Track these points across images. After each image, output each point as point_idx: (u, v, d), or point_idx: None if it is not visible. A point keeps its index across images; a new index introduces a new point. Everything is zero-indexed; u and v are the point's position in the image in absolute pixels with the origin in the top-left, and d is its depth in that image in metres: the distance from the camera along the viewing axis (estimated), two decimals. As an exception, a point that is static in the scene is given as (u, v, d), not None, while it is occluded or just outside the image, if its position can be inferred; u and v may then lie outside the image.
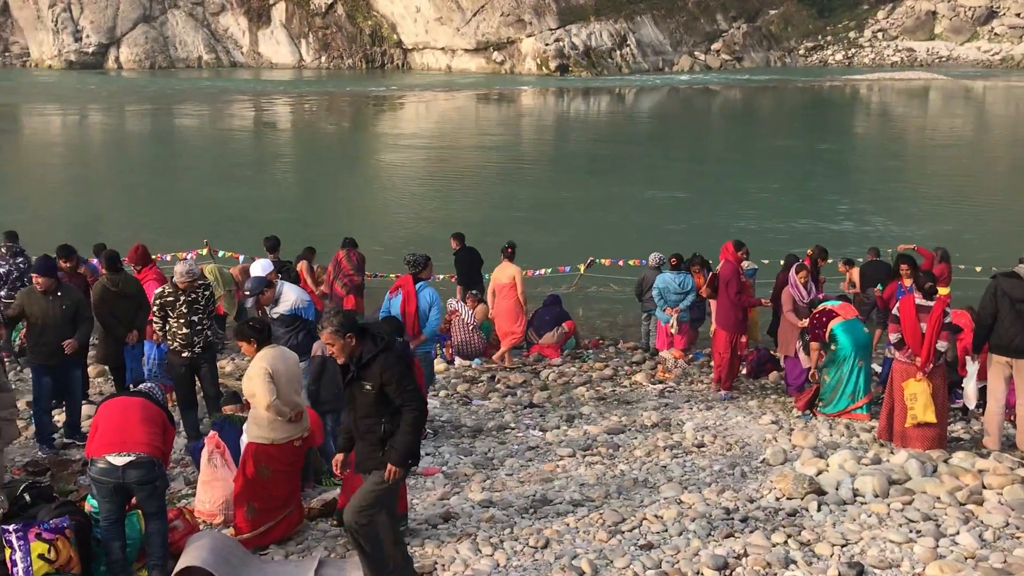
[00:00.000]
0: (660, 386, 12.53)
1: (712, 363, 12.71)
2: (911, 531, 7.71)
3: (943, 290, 12.19)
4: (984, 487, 8.48)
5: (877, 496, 8.36)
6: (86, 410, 10.79)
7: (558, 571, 7.11)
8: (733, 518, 7.99)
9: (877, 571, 7.13)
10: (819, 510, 8.15)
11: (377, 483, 6.59)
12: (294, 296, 9.72)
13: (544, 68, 73.55)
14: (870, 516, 8.01)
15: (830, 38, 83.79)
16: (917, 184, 32.03)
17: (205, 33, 79.76)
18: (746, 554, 7.33)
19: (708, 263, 14.22)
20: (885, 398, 9.95)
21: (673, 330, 13.87)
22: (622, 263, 17.47)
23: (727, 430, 10.48)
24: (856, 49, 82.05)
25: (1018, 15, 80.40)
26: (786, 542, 7.53)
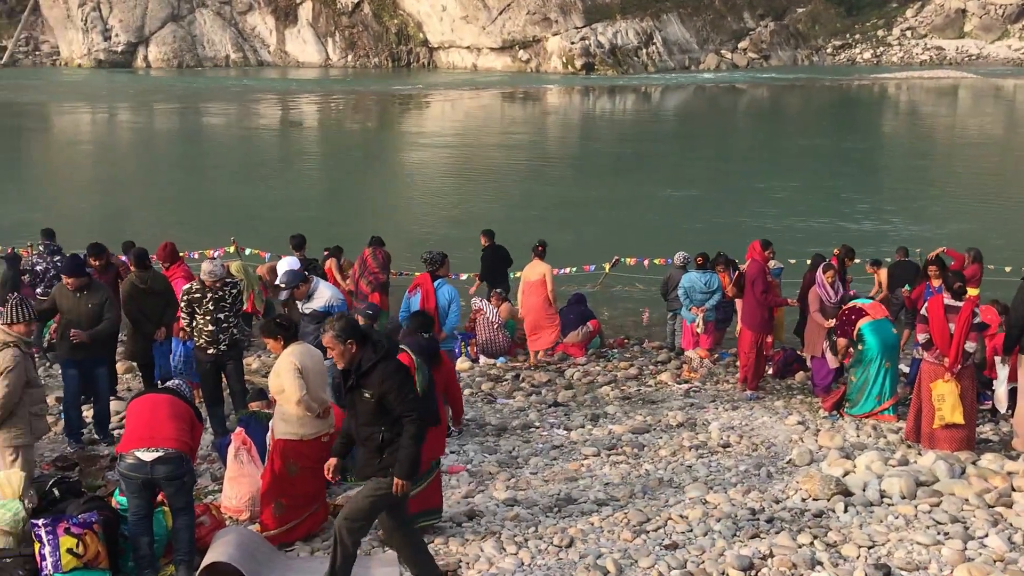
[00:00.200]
0: (686, 386, 12.49)
1: (738, 363, 12.65)
2: (939, 533, 7.65)
3: (972, 291, 12.07)
4: (1013, 489, 8.40)
5: (904, 498, 8.31)
6: (115, 406, 10.89)
7: (582, 570, 7.11)
8: (759, 519, 7.96)
9: (904, 573, 7.08)
10: (846, 511, 8.10)
11: (374, 490, 6.51)
12: (329, 293, 9.77)
13: (570, 67, 73.41)
14: (897, 518, 7.96)
15: (858, 36, 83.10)
16: (945, 184, 31.75)
17: (232, 32, 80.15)
18: (772, 555, 7.30)
19: (734, 262, 14.16)
20: (913, 399, 9.88)
21: (699, 329, 13.82)
22: (647, 262, 17.41)
23: (753, 430, 10.43)
24: (884, 47, 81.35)
25: (1050, 13, 79.54)
26: (812, 543, 7.50)
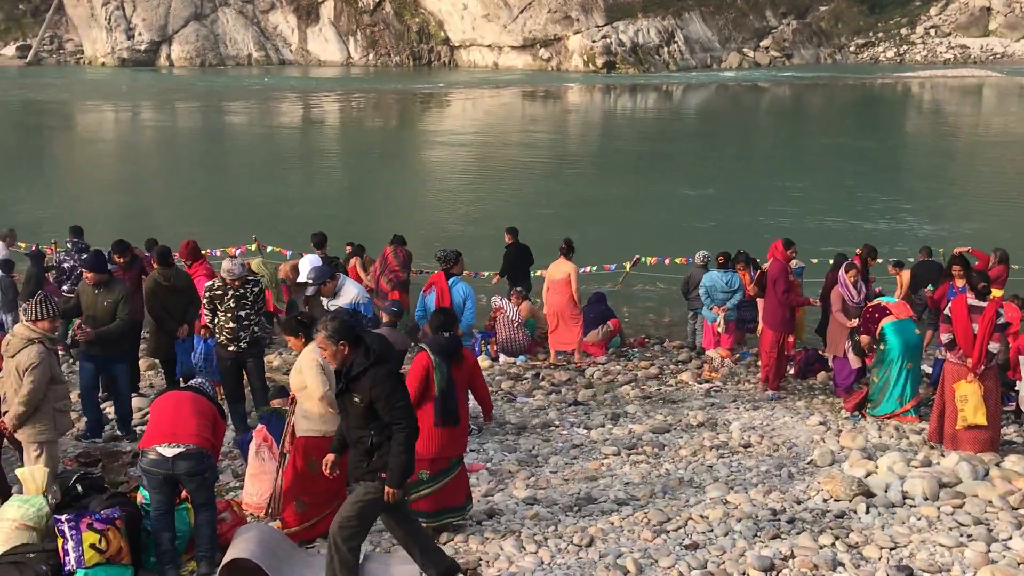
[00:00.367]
0: (706, 385, 12.45)
1: (759, 363, 12.60)
2: (962, 535, 7.59)
3: (996, 292, 11.98)
4: (1038, 491, 8.33)
5: (927, 499, 8.25)
6: (138, 403, 10.97)
7: (602, 570, 7.10)
8: (780, 519, 7.93)
9: (927, 575, 7.03)
10: (867, 512, 8.05)
11: (363, 495, 6.48)
12: (355, 291, 9.80)
13: (591, 65, 73.31)
14: (920, 519, 7.90)
15: (881, 35, 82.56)
16: (967, 183, 31.54)
17: (255, 31, 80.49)
18: (793, 555, 7.27)
19: (755, 261, 14.10)
20: (936, 400, 9.81)
21: (720, 329, 13.78)
22: (668, 261, 17.37)
23: (774, 430, 10.39)
24: (908, 46, 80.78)
25: (1076, 11, 78.81)
26: (834, 544, 7.46)
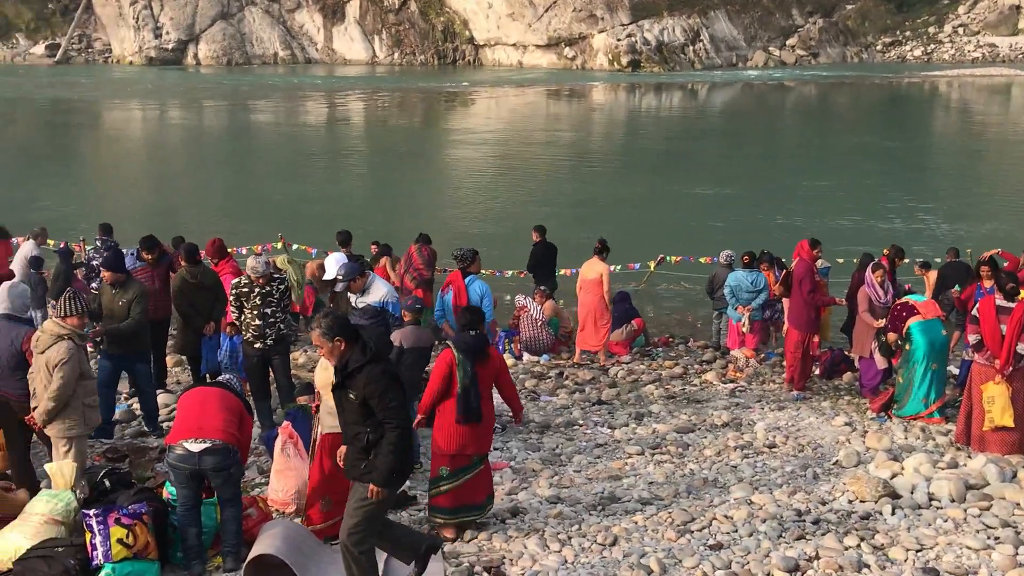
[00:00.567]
0: (731, 385, 12.41)
1: (784, 363, 12.55)
2: (989, 537, 7.54)
3: (1026, 292, 11.85)
4: (1066, 494, 8.26)
5: (954, 501, 8.19)
6: (164, 399, 11.06)
7: (626, 569, 7.09)
8: (805, 520, 7.89)
9: (953, 577, 6.99)
10: (893, 514, 8.01)
11: (361, 499, 6.41)
12: (385, 289, 9.83)
13: (616, 64, 73.18)
14: (946, 521, 7.85)
15: (908, 33, 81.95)
16: (994, 183, 31.29)
17: (281, 30, 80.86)
18: (818, 557, 7.24)
19: (781, 261, 14.04)
20: (963, 401, 9.73)
21: (745, 329, 13.73)
22: (693, 260, 17.32)
23: (799, 431, 10.35)
24: (935, 45, 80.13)
25: (1107, 9, 77.92)
26: (859, 545, 7.42)
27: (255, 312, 9.89)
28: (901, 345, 10.75)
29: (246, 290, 9.96)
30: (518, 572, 7.12)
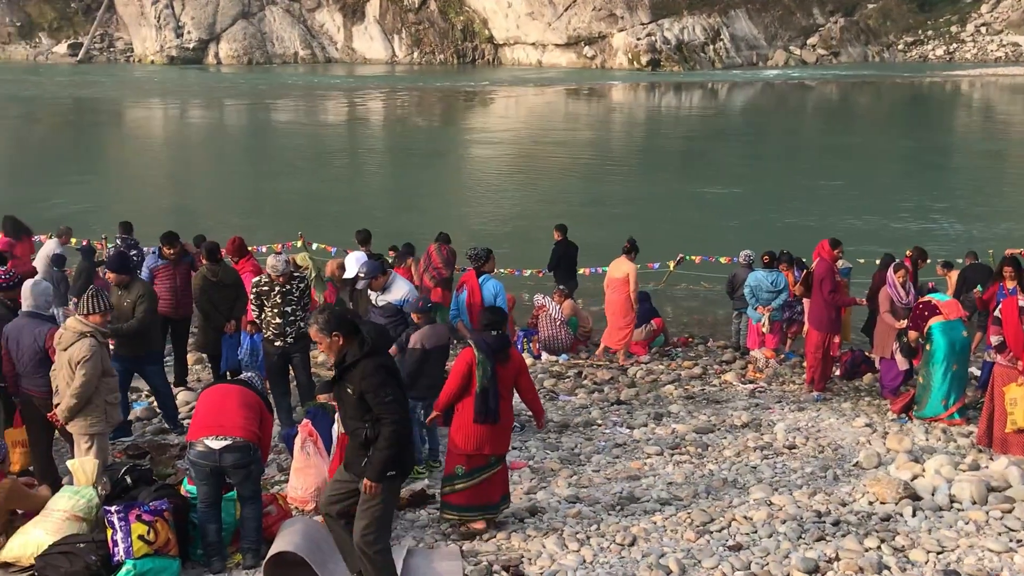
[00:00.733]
0: (751, 386, 12.37)
1: (804, 363, 12.49)
2: (1011, 540, 7.48)
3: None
4: (1089, 497, 8.19)
5: (975, 503, 8.14)
6: (185, 396, 11.12)
7: (645, 569, 7.08)
8: (825, 521, 7.86)
9: (975, 580, 6.95)
10: (914, 516, 7.96)
11: (367, 500, 6.38)
12: (406, 288, 9.85)
13: (635, 63, 73.02)
14: (967, 523, 7.80)
15: (930, 32, 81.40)
16: (1014, 183, 31.03)
17: (301, 29, 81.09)
18: (838, 558, 7.21)
19: (802, 261, 13.98)
20: (986, 402, 9.67)
21: (765, 329, 13.68)
22: (712, 260, 17.28)
23: (819, 432, 10.30)
24: (958, 44, 79.54)
25: None
26: (879, 547, 7.38)
27: (275, 310, 9.93)
28: (921, 345, 10.69)
29: (266, 288, 10.02)
30: (536, 571, 7.12)
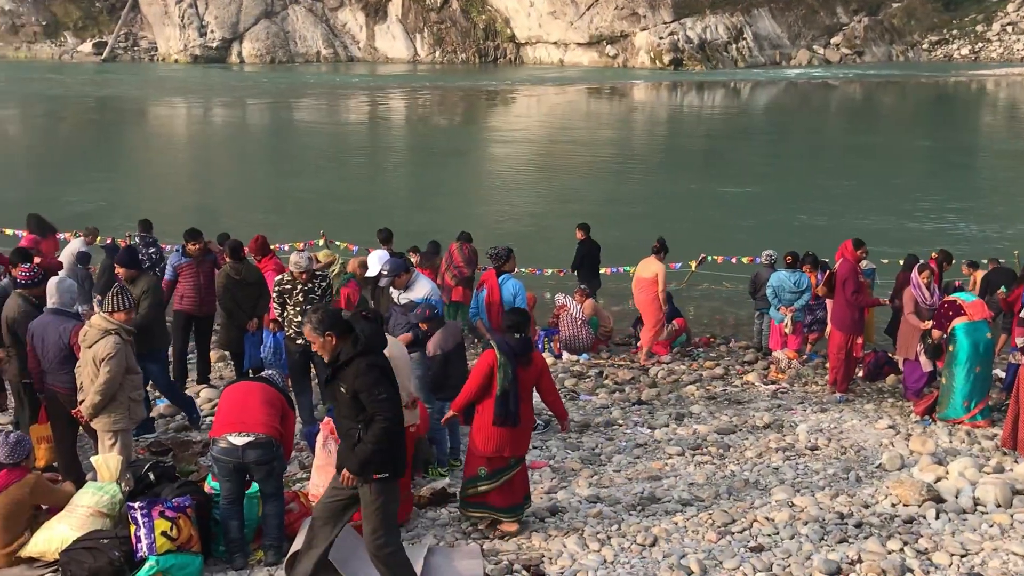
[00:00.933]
0: (773, 387, 12.32)
1: (827, 364, 12.43)
2: (1036, 544, 7.42)
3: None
4: (1116, 501, 8.11)
5: (1000, 506, 8.08)
6: (207, 394, 11.17)
7: (666, 570, 7.06)
8: (847, 523, 7.82)
9: (999, 584, 6.89)
10: (937, 518, 7.91)
11: (373, 500, 6.35)
12: (429, 287, 9.86)
13: (658, 62, 72.87)
14: (992, 526, 7.74)
15: (956, 32, 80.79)
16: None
17: (324, 28, 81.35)
18: (860, 560, 7.17)
19: (825, 262, 13.91)
20: (1011, 405, 9.59)
21: (787, 330, 13.61)
22: (735, 260, 17.21)
23: (842, 433, 10.25)
24: (983, 43, 78.91)
25: None
26: (902, 550, 7.33)
27: (297, 308, 9.97)
28: (945, 344, 10.59)
29: (288, 287, 10.07)
30: (557, 571, 7.12)
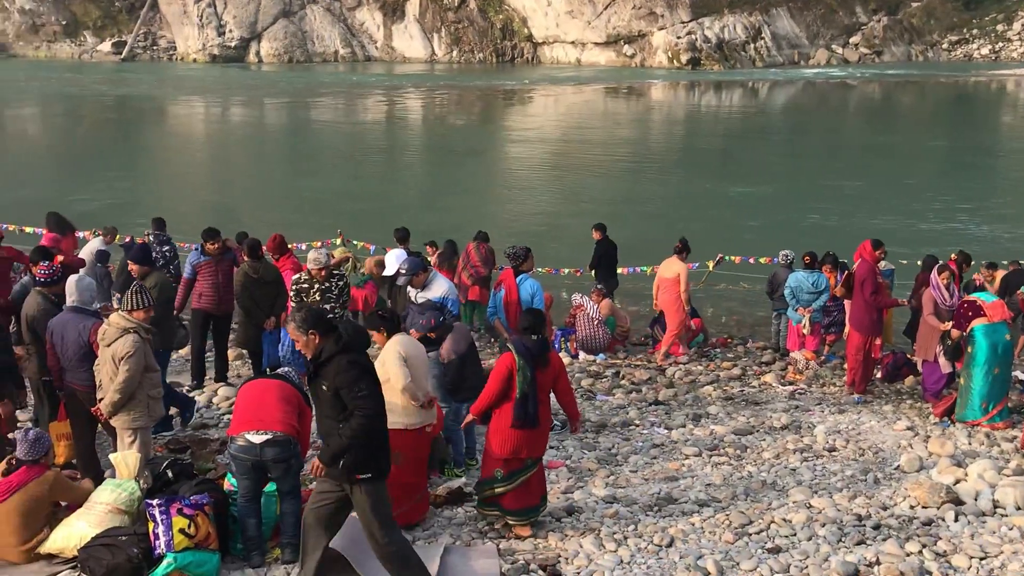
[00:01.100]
0: (790, 387, 12.27)
1: (845, 365, 12.38)
2: (1056, 547, 7.37)
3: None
4: None
5: (1020, 509, 8.03)
6: (225, 392, 11.21)
7: (683, 570, 7.05)
8: (865, 525, 7.79)
9: (1019, 587, 6.85)
10: (956, 520, 7.87)
11: (364, 500, 6.34)
12: (446, 286, 9.88)
13: (675, 61, 72.71)
14: (1011, 529, 7.69)
15: (976, 31, 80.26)
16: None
17: (341, 28, 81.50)
18: (878, 562, 7.14)
19: (844, 263, 13.85)
20: (1031, 407, 9.53)
21: (805, 330, 13.56)
22: (752, 260, 17.15)
23: (860, 435, 10.20)
24: (1004, 43, 78.36)
25: None
26: (921, 552, 7.30)
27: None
28: (963, 345, 10.53)
29: (306, 286, 10.12)
30: (573, 571, 7.12)
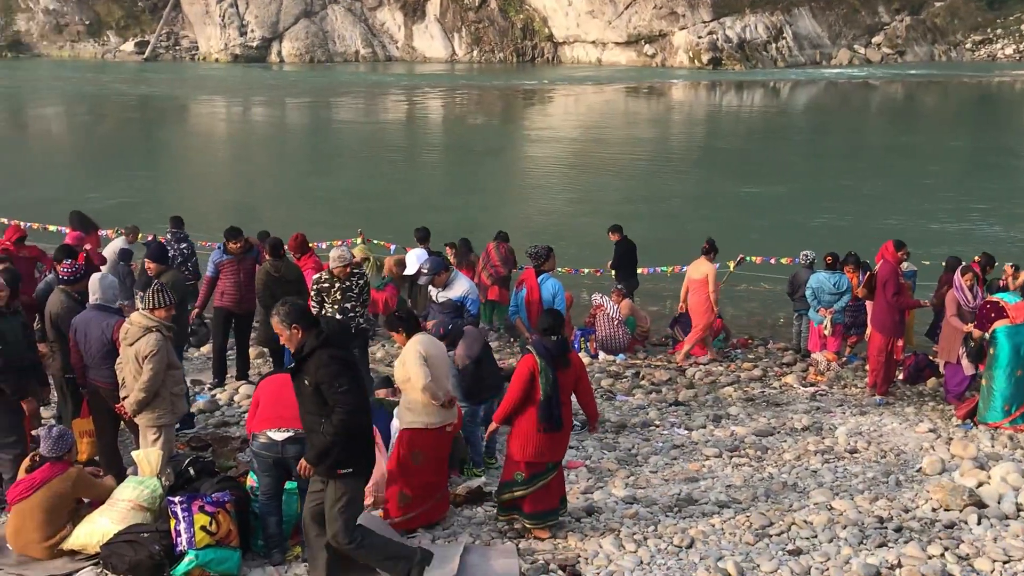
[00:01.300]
0: (812, 389, 12.22)
1: (867, 367, 12.31)
2: (1080, 551, 7.31)
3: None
4: None
5: (1043, 512, 7.97)
6: (246, 390, 11.26)
7: (703, 572, 7.03)
8: (887, 527, 7.74)
9: (1042, 591, 6.80)
10: (979, 524, 7.81)
11: (338, 498, 6.34)
12: (467, 285, 9.90)
13: (696, 61, 72.51)
14: (1035, 533, 7.63)
15: (1000, 31, 79.62)
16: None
17: (363, 28, 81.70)
18: (900, 565, 7.10)
19: (866, 263, 13.77)
20: (1055, 410, 9.45)
21: (827, 331, 13.50)
22: (774, 261, 17.08)
23: (882, 437, 10.15)
24: (1028, 43, 77.84)
25: None
26: (943, 555, 7.26)
27: (335, 307, 10.04)
28: (985, 347, 10.45)
29: (327, 285, 10.15)
30: (593, 571, 7.11)
